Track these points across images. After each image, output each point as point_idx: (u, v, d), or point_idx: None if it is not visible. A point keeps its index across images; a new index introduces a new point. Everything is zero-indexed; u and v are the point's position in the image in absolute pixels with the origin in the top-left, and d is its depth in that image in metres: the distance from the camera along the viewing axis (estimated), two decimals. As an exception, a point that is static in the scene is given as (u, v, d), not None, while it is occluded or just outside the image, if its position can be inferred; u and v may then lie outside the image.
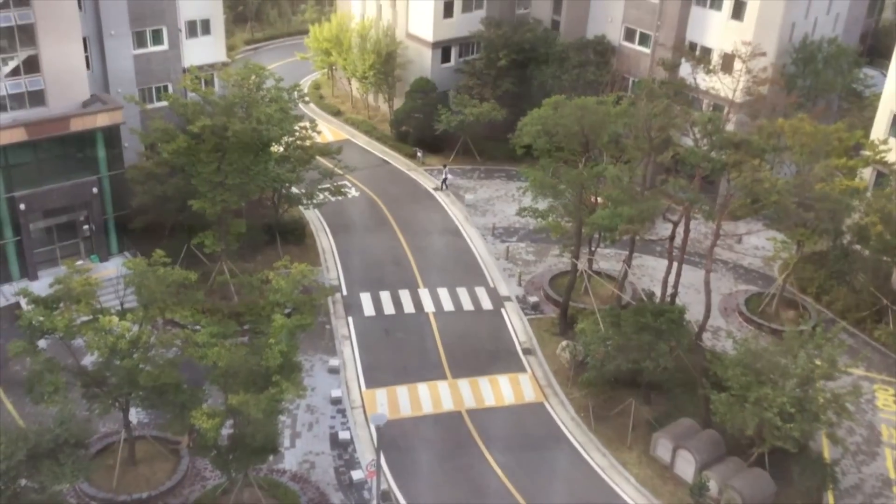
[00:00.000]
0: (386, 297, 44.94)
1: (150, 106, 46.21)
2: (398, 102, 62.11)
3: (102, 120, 41.46)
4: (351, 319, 43.20)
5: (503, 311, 44.47)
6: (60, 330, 28.86)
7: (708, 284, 37.76)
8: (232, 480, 30.66)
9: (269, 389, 28.05)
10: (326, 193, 48.75)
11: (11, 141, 39.23)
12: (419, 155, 59.22)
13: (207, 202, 40.05)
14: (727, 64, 49.85)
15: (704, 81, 49.94)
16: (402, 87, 61.46)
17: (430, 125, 57.95)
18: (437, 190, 55.49)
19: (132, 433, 32.74)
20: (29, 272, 42.06)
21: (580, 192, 39.50)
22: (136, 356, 29.53)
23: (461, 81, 60.04)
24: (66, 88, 41.13)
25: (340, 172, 50.37)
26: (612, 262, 47.28)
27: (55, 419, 28.49)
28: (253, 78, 42.54)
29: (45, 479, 27.65)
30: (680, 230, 38.93)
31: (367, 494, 33.04)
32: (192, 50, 48.82)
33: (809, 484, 32.97)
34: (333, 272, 47.03)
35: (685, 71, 52.10)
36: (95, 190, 42.48)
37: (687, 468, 34.04)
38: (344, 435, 35.79)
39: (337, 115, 65.75)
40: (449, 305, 44.58)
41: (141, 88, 46.92)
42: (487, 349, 41.62)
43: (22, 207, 40.64)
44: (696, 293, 43.88)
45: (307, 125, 47.36)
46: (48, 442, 27.69)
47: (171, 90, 47.27)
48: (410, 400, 38.09)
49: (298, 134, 46.43)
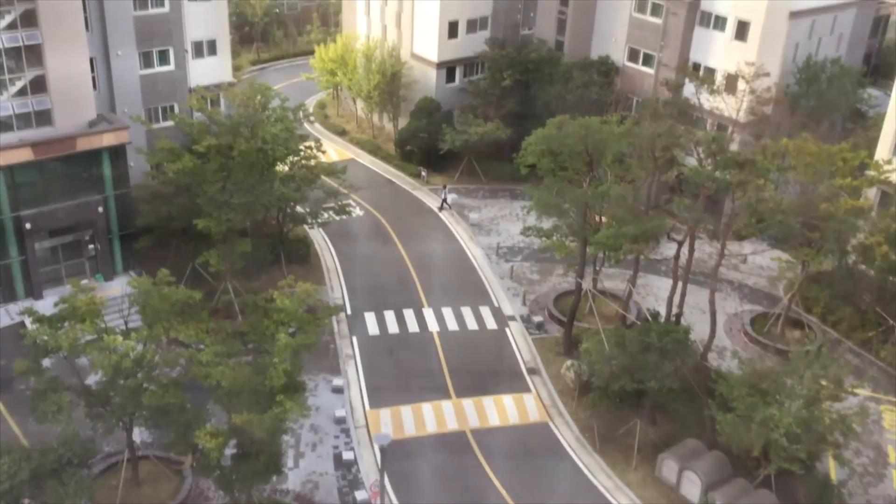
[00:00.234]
0: (390, 316, 44.92)
1: (156, 126, 46.47)
2: (403, 122, 62.35)
3: (109, 140, 41.66)
4: (355, 339, 43.16)
5: (507, 330, 44.40)
6: (65, 349, 28.87)
7: (713, 304, 37.68)
8: (235, 501, 30.52)
9: (272, 409, 27.99)
10: (331, 212, 48.85)
11: (18, 160, 39.42)
12: (424, 174, 59.36)
13: (212, 221, 40.14)
14: (731, 84, 50.11)
15: (708, 101, 50.11)
16: (406, 106, 61.72)
17: (434, 144, 58.12)
18: (441, 209, 55.57)
19: (136, 453, 32.66)
20: (34, 291, 42.14)
21: (584, 211, 39.51)
22: (140, 375, 29.52)
23: (465, 101, 60.29)
24: (72, 108, 41.35)
25: (345, 192, 50.51)
26: (616, 281, 47.21)
27: (59, 438, 28.48)
28: (258, 98, 42.74)
29: (48, 498, 27.63)
30: (684, 250, 38.89)
31: (370, 515, 32.91)
32: (198, 70, 49.11)
33: (816, 505, 32.78)
34: (338, 291, 47.05)
35: (689, 91, 52.30)
36: (101, 209, 42.61)
37: (693, 489, 33.81)
38: (348, 455, 35.65)
39: (342, 134, 66.00)
40: (453, 325, 44.53)
41: (147, 108, 47.19)
42: (492, 369, 41.52)
43: (28, 227, 40.76)
44: (701, 313, 43.77)
45: (312, 145, 47.51)
46: (51, 461, 27.69)
47: (177, 110, 47.57)
48: (414, 419, 37.97)
49: (303, 153, 46.55)
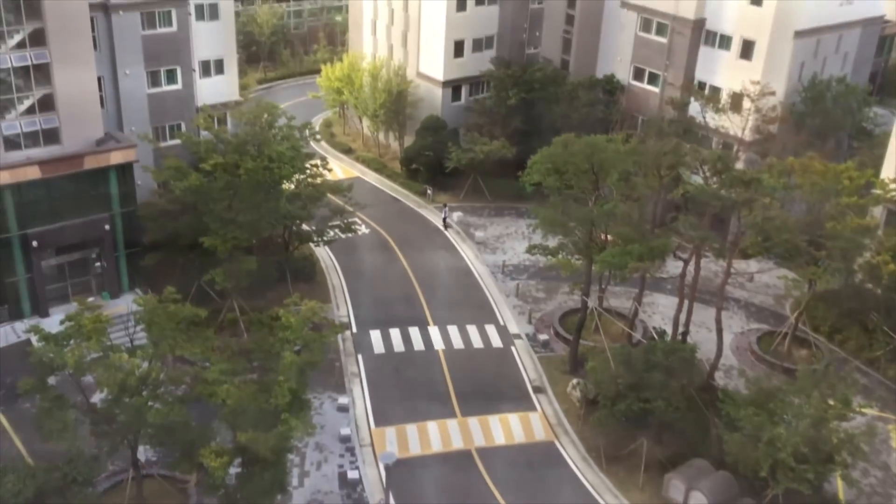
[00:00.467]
0: (395, 334, 44.86)
1: (163, 144, 46.67)
2: (409, 140, 62.52)
3: (116, 158, 41.87)
4: (360, 357, 43.10)
5: (513, 348, 44.31)
6: (70, 366, 28.86)
7: (719, 323, 37.59)
8: (240, 520, 30.41)
9: (277, 427, 27.92)
10: (337, 230, 48.88)
11: (25, 178, 39.61)
12: (429, 192, 59.47)
13: (218, 239, 40.23)
14: (736, 103, 50.13)
15: (714, 120, 50.15)
16: (412, 125, 61.92)
17: (440, 163, 58.26)
18: (447, 228, 55.60)
19: (140, 471, 32.55)
20: (40, 309, 42.21)
21: (590, 229, 39.51)
22: (145, 393, 29.49)
23: (471, 119, 60.47)
24: (80, 127, 41.59)
25: (351, 210, 50.58)
26: (622, 299, 47.10)
27: (64, 456, 28.42)
28: (265, 116, 42.95)
29: (52, 517, 27.55)
30: (690, 268, 38.85)
31: (375, 535, 32.74)
32: (205, 89, 49.38)
33: (824, 526, 32.53)
34: (343, 309, 47.04)
35: (694, 109, 52.37)
36: (108, 227, 42.74)
37: (700, 509, 33.60)
38: (353, 474, 35.51)
39: (348, 152, 66.18)
40: (459, 343, 44.45)
41: (154, 127, 47.39)
42: (497, 387, 41.41)
43: (35, 244, 40.89)
44: (707, 332, 43.63)
45: (318, 163, 47.68)
46: (56, 479, 27.66)
47: (184, 128, 47.77)
48: (420, 438, 37.85)
49: (309, 171, 46.70)
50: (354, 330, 45.12)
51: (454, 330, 45.36)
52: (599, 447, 37.10)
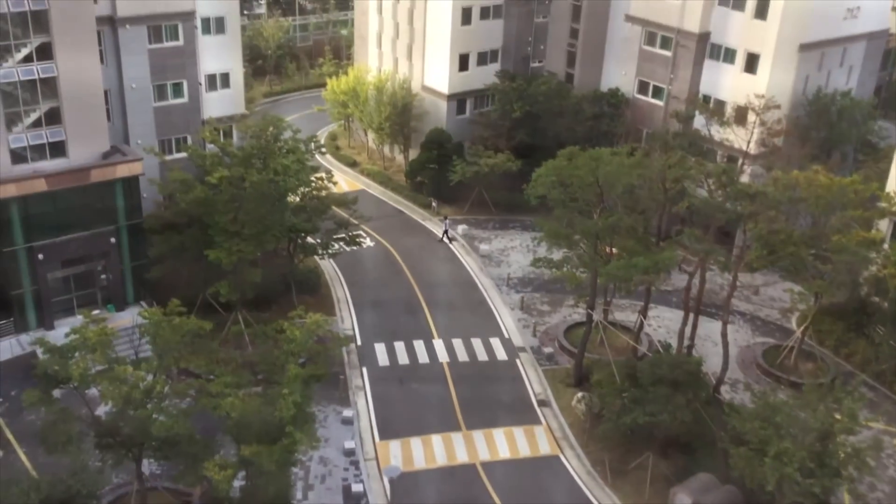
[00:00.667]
0: (400, 347, 44.82)
1: (169, 157, 46.83)
2: (413, 153, 62.67)
3: (122, 171, 42.01)
4: (365, 370, 43.06)
5: (518, 361, 44.22)
6: (75, 379, 28.85)
7: (725, 336, 37.47)
8: (244, 533, 30.33)
9: (282, 440, 27.88)
10: (342, 243, 48.92)
11: (32, 191, 39.76)
12: (434, 205, 59.54)
13: (223, 252, 40.29)
14: (741, 116, 50.19)
15: (718, 133, 50.20)
16: (417, 138, 62.07)
17: (445, 176, 58.33)
18: (452, 241, 55.62)
19: (144, 484, 32.49)
20: (46, 321, 42.27)
21: (595, 242, 39.49)
22: (149, 406, 29.46)
23: (476, 132, 60.62)
24: (86, 140, 41.74)
25: (356, 222, 50.64)
26: (627, 312, 47.05)
27: (68, 469, 28.38)
28: (271, 129, 43.08)
29: (56, 530, 27.49)
30: (696, 281, 38.77)
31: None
32: (211, 102, 49.60)
33: (831, 541, 32.30)
34: (348, 322, 47.02)
35: (699, 123, 52.44)
36: (113, 240, 42.85)
37: (706, 524, 33.41)
38: (357, 488, 35.40)
39: (353, 165, 66.34)
40: (463, 356, 44.39)
41: (160, 140, 47.60)
42: (502, 400, 41.31)
43: (40, 257, 41.00)
44: (713, 345, 43.52)
45: (323, 176, 47.78)
46: (60, 492, 27.59)
47: (190, 142, 47.95)
48: (424, 451, 37.74)
49: (314, 184, 46.80)
50: (359, 343, 45.10)
51: (459, 343, 45.31)
52: (605, 461, 36.96)
